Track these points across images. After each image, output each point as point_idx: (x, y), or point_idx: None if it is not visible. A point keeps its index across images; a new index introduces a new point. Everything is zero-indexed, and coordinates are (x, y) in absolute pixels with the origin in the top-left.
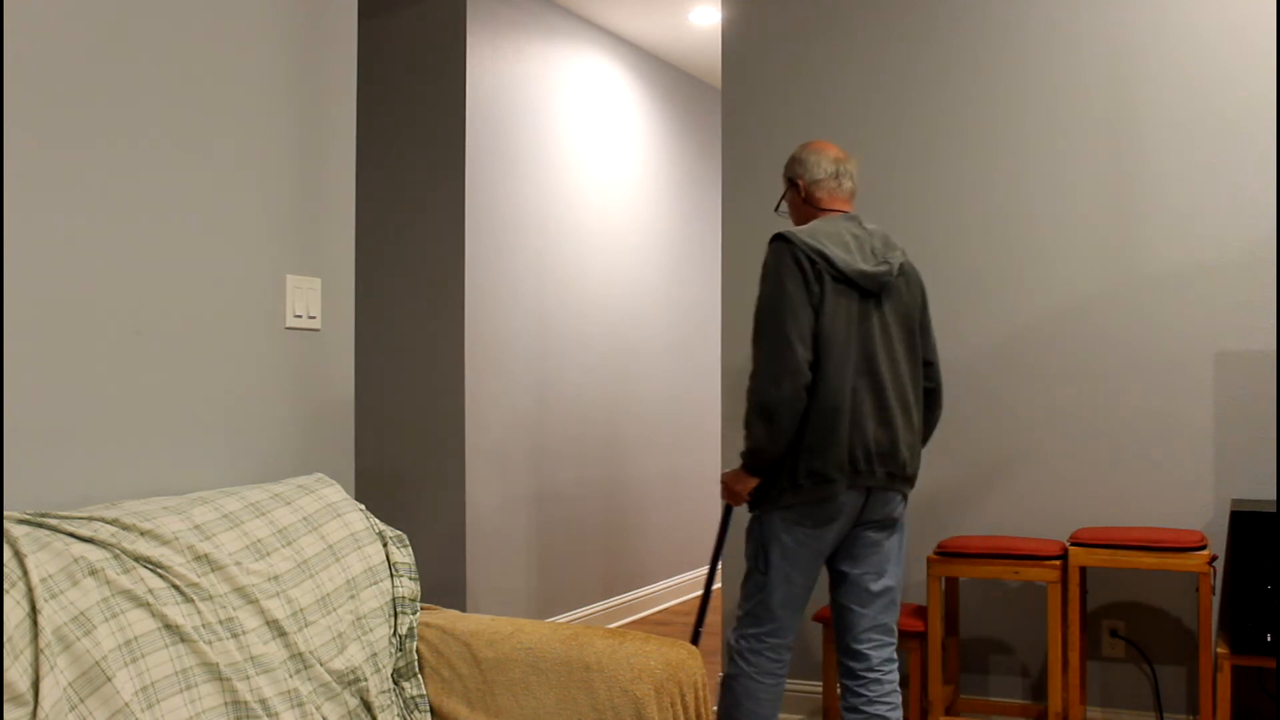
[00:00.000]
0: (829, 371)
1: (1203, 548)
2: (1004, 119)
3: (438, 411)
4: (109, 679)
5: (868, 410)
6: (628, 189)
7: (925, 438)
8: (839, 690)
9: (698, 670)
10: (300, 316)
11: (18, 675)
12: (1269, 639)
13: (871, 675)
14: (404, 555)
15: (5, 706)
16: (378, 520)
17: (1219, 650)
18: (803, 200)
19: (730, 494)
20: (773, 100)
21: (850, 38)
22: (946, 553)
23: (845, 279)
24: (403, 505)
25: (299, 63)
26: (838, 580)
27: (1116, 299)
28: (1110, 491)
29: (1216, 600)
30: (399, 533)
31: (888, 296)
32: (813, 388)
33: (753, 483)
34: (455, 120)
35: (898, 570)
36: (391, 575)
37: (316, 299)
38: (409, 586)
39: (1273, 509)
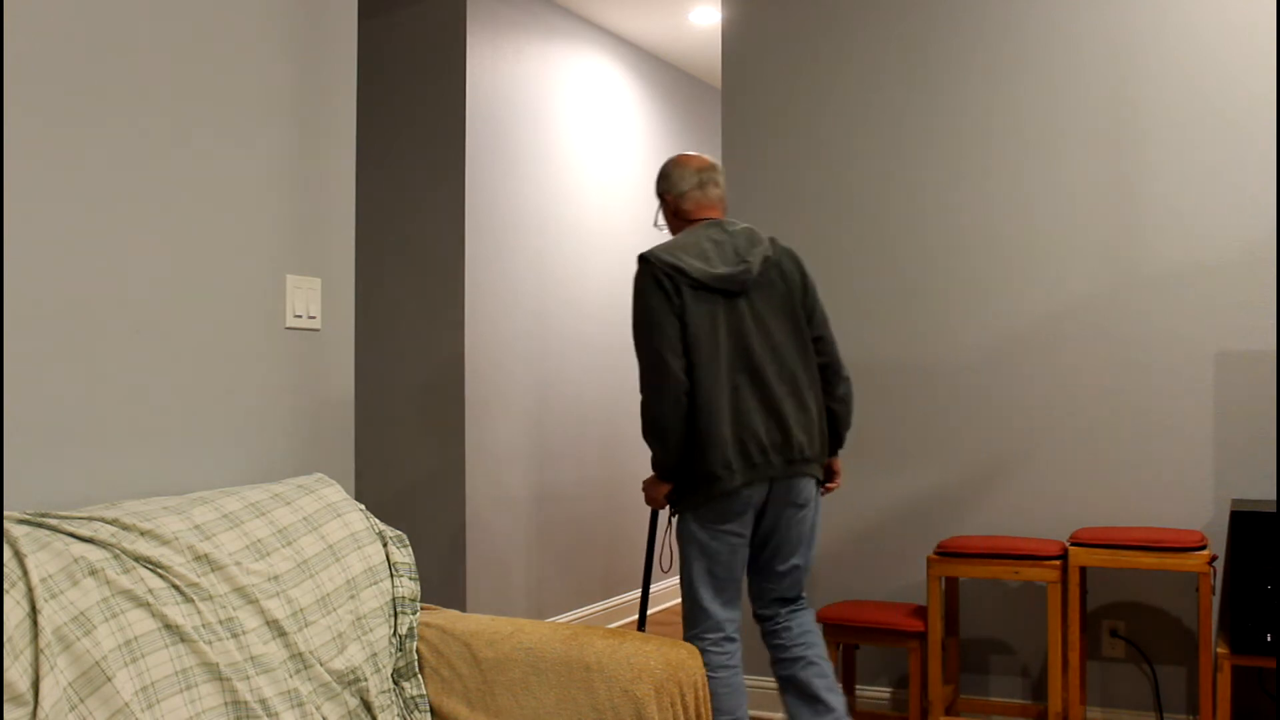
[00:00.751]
0: (701, 375)
1: (1203, 548)
2: (1004, 119)
3: (438, 411)
4: (109, 679)
5: (752, 405)
6: (628, 189)
7: (841, 413)
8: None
9: (698, 670)
10: (300, 316)
11: (18, 675)
12: (1269, 639)
13: (780, 625)
14: (404, 555)
15: (5, 706)
16: (378, 520)
17: (1219, 650)
18: (672, 214)
19: (650, 499)
20: (773, 100)
21: (850, 38)
22: (946, 553)
23: (704, 286)
24: (403, 505)
25: (299, 63)
26: (750, 557)
27: (1116, 299)
28: (1110, 491)
29: (1216, 600)
30: (399, 533)
31: (759, 291)
32: (691, 392)
33: (665, 488)
34: (455, 120)
35: (807, 551)
36: (391, 575)
37: (316, 299)
38: (409, 586)
39: (1273, 509)
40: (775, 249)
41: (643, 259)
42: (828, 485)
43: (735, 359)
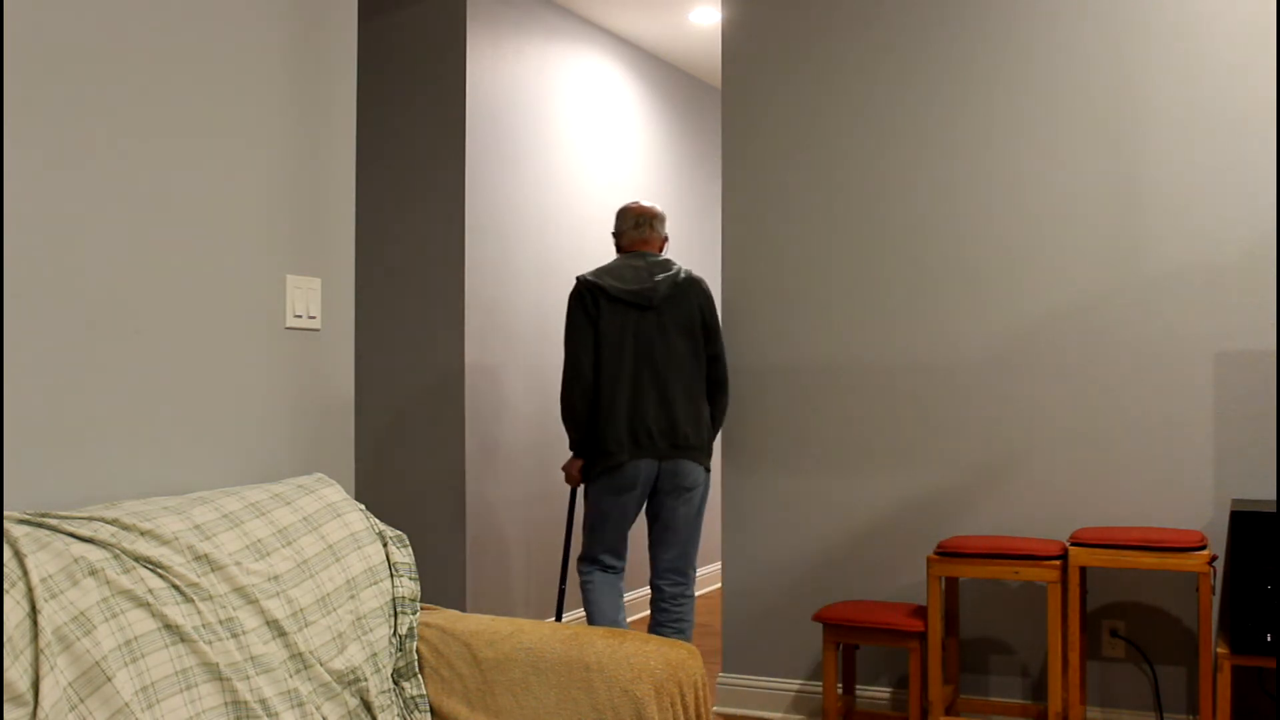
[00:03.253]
0: (607, 369)
1: (1203, 548)
2: (1004, 118)
3: (438, 411)
4: (109, 679)
5: (650, 396)
6: (628, 189)
7: (717, 418)
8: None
9: (698, 670)
10: (300, 316)
11: (18, 675)
12: (1269, 639)
13: (664, 604)
14: (404, 555)
15: (5, 706)
16: (378, 520)
17: (1219, 650)
18: (617, 247)
19: (568, 477)
20: (773, 100)
21: (850, 38)
22: (946, 553)
23: (618, 299)
24: (403, 505)
25: (299, 63)
26: (650, 530)
27: (1117, 299)
28: (1110, 491)
29: (1216, 600)
30: (399, 533)
31: (667, 308)
32: (598, 385)
33: (578, 463)
34: (455, 120)
35: (689, 530)
36: (391, 575)
37: (316, 299)
38: (409, 586)
39: (1273, 509)
40: (684, 279)
41: (577, 279)
42: None
43: (638, 359)
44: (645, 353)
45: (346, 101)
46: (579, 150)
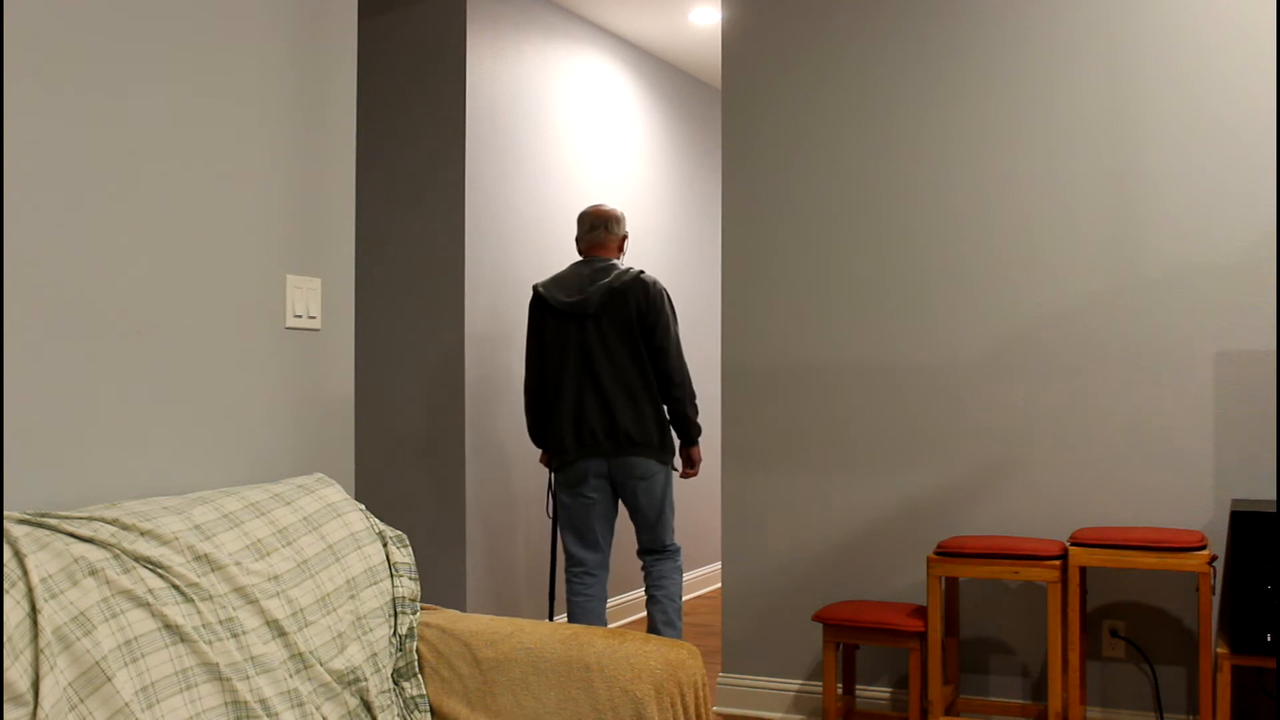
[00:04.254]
0: (553, 377)
1: (1203, 548)
2: (1003, 119)
3: (438, 411)
4: (109, 679)
5: (590, 400)
6: (628, 189)
7: (676, 410)
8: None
9: (698, 670)
10: (300, 316)
11: (18, 675)
12: (1269, 639)
13: (649, 580)
14: (404, 555)
15: (5, 706)
16: (378, 520)
17: (1219, 650)
18: (578, 249)
19: (542, 461)
20: (773, 100)
21: (850, 39)
22: (946, 553)
23: (559, 311)
24: (403, 505)
25: (299, 63)
26: (631, 518)
27: (1116, 299)
28: (1110, 491)
29: (1216, 600)
30: (399, 533)
31: (606, 314)
32: (544, 388)
33: (542, 455)
34: (455, 120)
35: (654, 514)
36: (391, 575)
37: (316, 299)
38: (409, 586)
39: (1273, 509)
40: (622, 284)
41: (532, 288)
42: (686, 471)
43: (580, 366)
44: (585, 359)
45: (346, 101)
46: (579, 150)
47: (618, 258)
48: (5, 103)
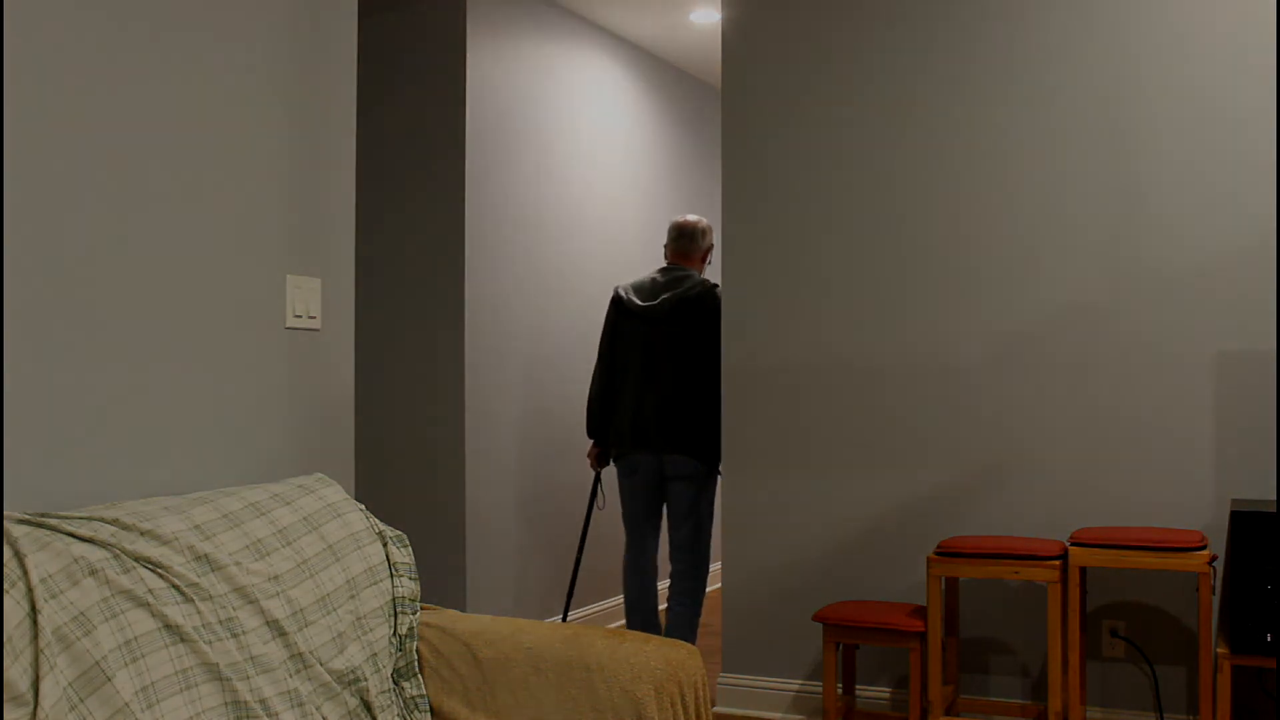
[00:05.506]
0: (620, 372)
1: (1203, 548)
2: (1004, 120)
3: (438, 411)
4: (109, 679)
5: (649, 399)
6: (627, 189)
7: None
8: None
9: (698, 670)
10: (300, 316)
11: (18, 675)
12: (1269, 639)
13: (673, 581)
14: (404, 555)
15: (5, 706)
16: (378, 520)
17: (1219, 650)
18: (664, 255)
19: (590, 459)
20: (773, 100)
21: (850, 39)
22: (946, 553)
23: (633, 314)
24: (403, 505)
25: (299, 63)
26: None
27: (1117, 299)
28: (1110, 491)
29: (1216, 600)
30: (399, 533)
31: (674, 320)
32: (612, 383)
33: (595, 450)
34: (455, 120)
35: (690, 512)
36: (391, 575)
37: (316, 299)
38: (409, 586)
39: (1273, 509)
40: (693, 296)
41: (614, 289)
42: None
43: (645, 365)
44: (650, 361)
45: (346, 101)
46: (579, 150)
47: (700, 269)
48: (5, 103)
